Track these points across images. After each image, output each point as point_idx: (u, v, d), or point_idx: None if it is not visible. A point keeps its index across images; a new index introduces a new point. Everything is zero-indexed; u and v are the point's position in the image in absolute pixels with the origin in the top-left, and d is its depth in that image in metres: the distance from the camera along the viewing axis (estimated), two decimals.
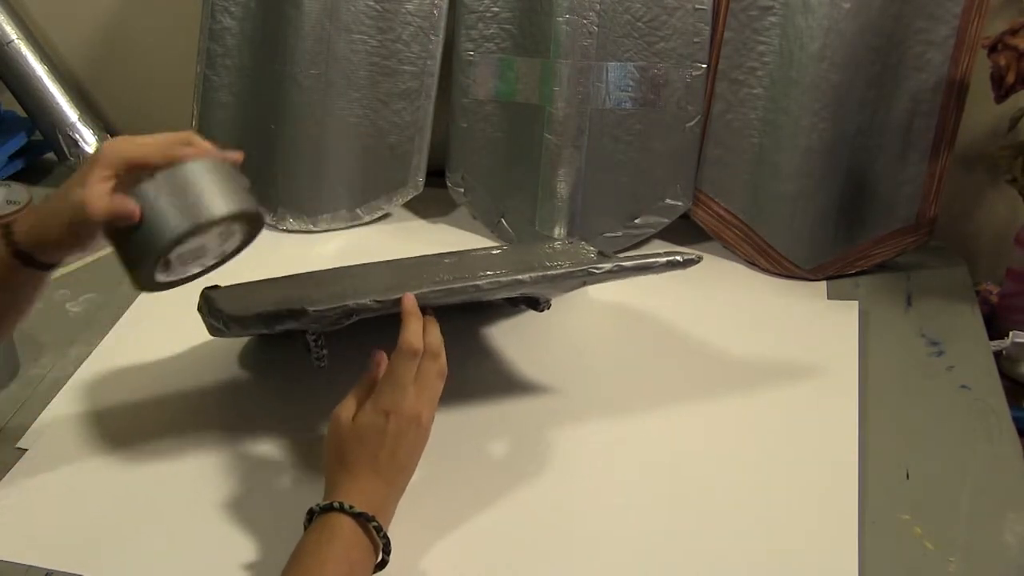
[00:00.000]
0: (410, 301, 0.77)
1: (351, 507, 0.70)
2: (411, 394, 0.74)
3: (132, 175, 0.71)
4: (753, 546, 0.78)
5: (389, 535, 0.71)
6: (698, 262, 0.89)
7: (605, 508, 0.82)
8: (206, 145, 0.74)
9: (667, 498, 0.83)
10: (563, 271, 0.87)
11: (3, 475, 0.85)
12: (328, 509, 0.70)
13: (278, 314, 0.80)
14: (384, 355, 0.77)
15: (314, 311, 0.78)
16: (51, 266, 0.75)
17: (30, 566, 0.77)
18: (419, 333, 0.75)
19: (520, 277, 0.83)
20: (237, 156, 0.76)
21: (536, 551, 0.78)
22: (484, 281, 0.82)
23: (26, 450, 0.87)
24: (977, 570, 0.76)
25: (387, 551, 0.71)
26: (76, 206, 0.70)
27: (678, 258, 0.88)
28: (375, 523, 0.70)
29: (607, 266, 0.86)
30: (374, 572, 0.71)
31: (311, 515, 0.71)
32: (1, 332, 0.79)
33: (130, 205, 0.69)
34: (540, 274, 0.83)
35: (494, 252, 1.01)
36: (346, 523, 0.70)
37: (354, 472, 0.73)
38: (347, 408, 0.76)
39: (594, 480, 0.84)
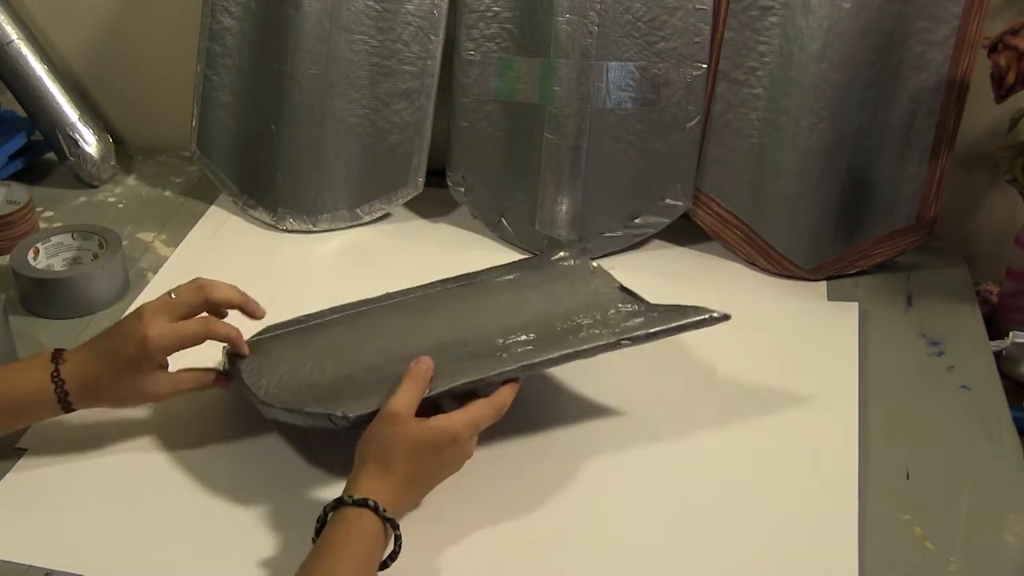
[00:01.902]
0: (425, 367, 0.79)
1: (384, 510, 0.71)
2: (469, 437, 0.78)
3: None
4: (753, 546, 0.78)
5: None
6: (726, 320, 0.88)
7: (604, 505, 0.82)
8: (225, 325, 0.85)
9: (665, 497, 0.83)
10: (596, 345, 0.85)
11: (3, 475, 0.85)
12: (363, 505, 0.71)
13: (316, 416, 0.80)
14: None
15: (355, 417, 0.79)
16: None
17: (30, 566, 0.77)
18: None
19: (565, 352, 0.83)
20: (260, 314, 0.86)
21: (532, 539, 0.78)
22: (538, 360, 0.82)
23: (25, 450, 0.87)
24: (977, 570, 0.76)
25: (394, 558, 0.72)
26: (156, 393, 0.83)
27: (714, 315, 0.87)
28: (399, 532, 0.72)
29: (641, 333, 0.85)
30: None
31: (337, 504, 0.72)
32: None
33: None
34: (573, 350, 0.83)
35: (512, 296, 0.96)
36: (375, 523, 0.71)
37: (396, 473, 0.74)
38: (407, 404, 0.76)
39: (593, 479, 0.84)
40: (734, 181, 1.11)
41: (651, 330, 0.85)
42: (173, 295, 0.83)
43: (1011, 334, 1.02)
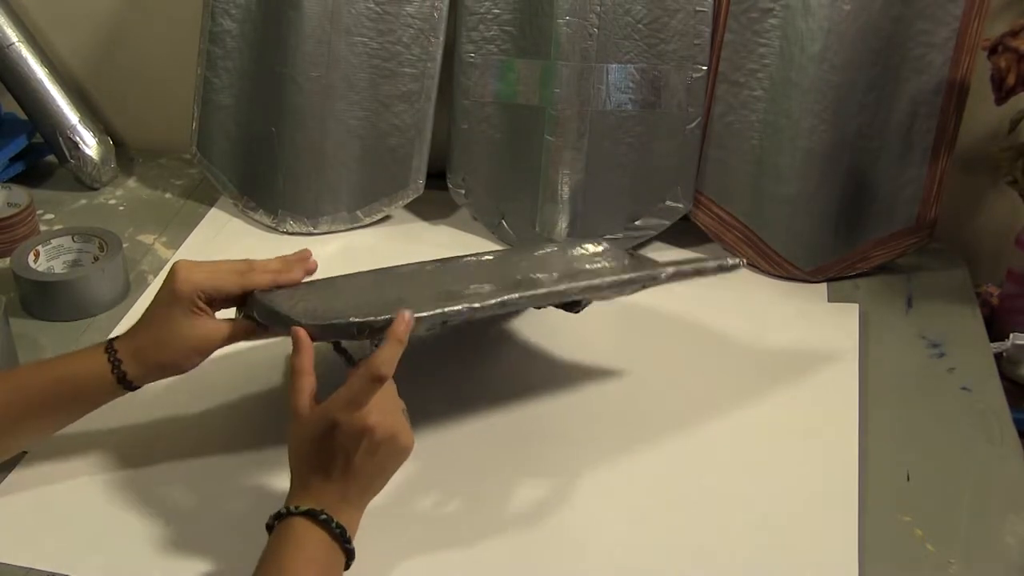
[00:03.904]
0: (403, 324, 0.75)
1: (328, 517, 0.70)
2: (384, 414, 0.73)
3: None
4: (753, 546, 0.78)
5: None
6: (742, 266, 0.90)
7: (602, 504, 0.82)
8: (272, 266, 0.83)
9: (665, 497, 0.83)
10: (630, 276, 0.86)
11: (4, 477, 0.85)
12: (304, 515, 0.70)
13: (351, 326, 0.77)
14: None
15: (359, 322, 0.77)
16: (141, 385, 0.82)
17: (30, 568, 0.77)
18: (394, 361, 0.73)
19: (596, 282, 0.83)
20: (297, 277, 0.83)
21: (529, 539, 0.78)
22: (544, 290, 0.82)
23: (25, 452, 0.87)
24: (978, 572, 0.76)
25: (351, 559, 0.71)
26: (198, 341, 0.80)
27: (728, 261, 0.89)
28: (347, 539, 0.71)
29: (670, 270, 0.86)
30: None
31: (278, 517, 0.71)
32: (52, 430, 0.83)
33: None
34: (614, 278, 0.83)
35: (544, 251, 0.95)
36: (317, 531, 0.70)
37: (314, 473, 0.72)
38: (301, 402, 0.74)
39: (592, 479, 0.84)
40: (734, 183, 1.11)
41: (677, 269, 0.86)
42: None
43: (1011, 336, 1.02)
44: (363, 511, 0.74)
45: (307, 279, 0.86)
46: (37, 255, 1.07)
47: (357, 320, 0.77)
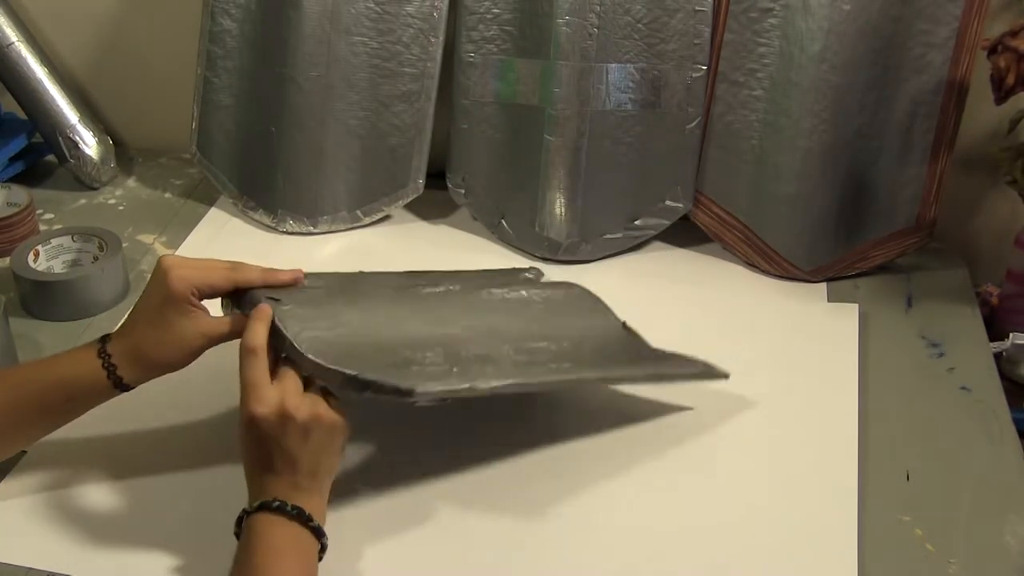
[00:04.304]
0: (265, 310, 0.76)
1: (281, 503, 0.70)
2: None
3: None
4: (753, 547, 0.78)
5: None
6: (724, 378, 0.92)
7: (602, 505, 0.82)
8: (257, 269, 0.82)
9: (666, 498, 0.83)
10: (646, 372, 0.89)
11: (4, 477, 0.85)
12: (258, 509, 0.70)
13: (378, 385, 0.73)
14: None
15: (423, 392, 0.73)
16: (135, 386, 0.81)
17: (30, 568, 0.77)
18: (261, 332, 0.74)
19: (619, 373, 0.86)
20: (285, 278, 0.83)
21: (529, 540, 0.78)
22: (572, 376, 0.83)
23: (25, 452, 0.87)
24: (978, 572, 0.76)
25: (322, 537, 0.71)
26: (196, 338, 0.78)
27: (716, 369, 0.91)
28: (308, 518, 0.70)
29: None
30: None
31: (239, 522, 0.71)
32: (46, 432, 0.82)
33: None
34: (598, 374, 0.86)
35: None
36: (276, 519, 0.70)
37: (259, 470, 0.73)
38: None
39: (591, 480, 0.84)
40: (734, 183, 1.11)
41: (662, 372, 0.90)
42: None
43: (1011, 335, 1.02)
44: (324, 495, 0.74)
45: (316, 284, 0.86)
46: (37, 255, 1.07)
47: (364, 378, 0.73)
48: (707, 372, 0.91)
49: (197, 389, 0.93)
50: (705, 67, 1.08)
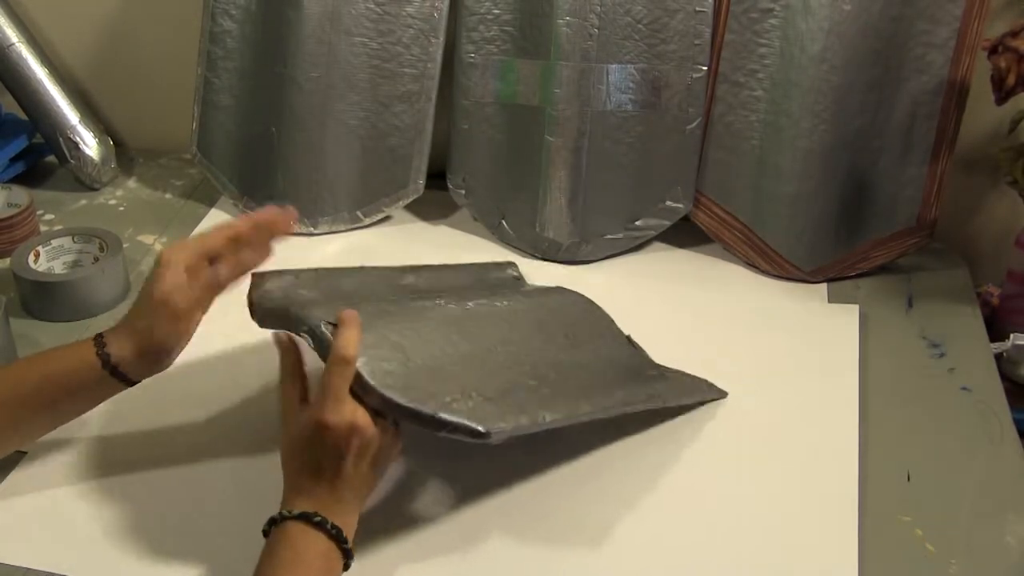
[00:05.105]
0: (354, 315, 0.75)
1: (323, 519, 0.70)
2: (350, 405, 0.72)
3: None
4: (753, 547, 0.78)
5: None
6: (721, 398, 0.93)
7: (602, 506, 0.82)
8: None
9: (666, 499, 0.83)
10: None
11: (4, 478, 0.85)
12: (298, 518, 0.70)
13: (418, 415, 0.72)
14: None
15: (495, 431, 0.73)
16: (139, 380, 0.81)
17: (29, 569, 0.77)
18: (356, 341, 0.73)
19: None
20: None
21: (532, 534, 0.78)
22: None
23: (25, 453, 0.87)
24: (978, 572, 0.76)
25: (349, 559, 0.71)
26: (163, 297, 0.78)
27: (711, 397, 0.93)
28: (344, 540, 0.70)
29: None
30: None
31: (273, 522, 0.71)
32: (48, 428, 0.82)
33: None
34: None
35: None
36: (312, 534, 0.70)
37: (305, 477, 0.72)
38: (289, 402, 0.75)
39: (591, 481, 0.84)
40: (734, 183, 1.11)
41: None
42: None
43: (1012, 336, 1.02)
44: (359, 511, 0.74)
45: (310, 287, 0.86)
46: (37, 255, 1.07)
47: (442, 418, 0.72)
48: (708, 393, 0.92)
49: (197, 389, 0.94)
50: (705, 67, 1.08)
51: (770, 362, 0.98)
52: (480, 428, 0.72)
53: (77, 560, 0.78)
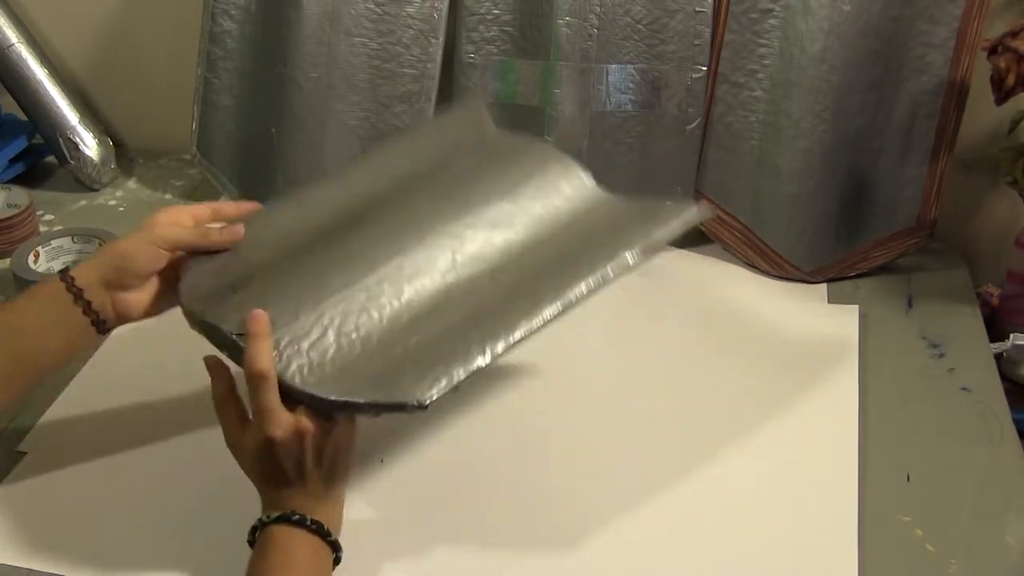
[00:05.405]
0: (261, 320, 0.72)
1: (302, 516, 0.70)
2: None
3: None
4: (753, 547, 0.78)
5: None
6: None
7: (601, 506, 0.82)
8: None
9: (665, 499, 0.83)
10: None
11: (3, 479, 0.85)
12: (278, 521, 0.70)
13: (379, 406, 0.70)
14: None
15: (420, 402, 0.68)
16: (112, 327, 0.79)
17: (30, 569, 0.77)
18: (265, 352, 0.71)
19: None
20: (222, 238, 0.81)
21: (532, 534, 0.78)
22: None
23: (26, 453, 0.87)
24: (978, 572, 0.76)
25: (338, 551, 0.71)
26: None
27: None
28: (327, 532, 0.70)
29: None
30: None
31: (255, 530, 0.71)
32: (41, 379, 0.80)
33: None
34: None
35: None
36: (296, 532, 0.70)
37: (278, 484, 0.72)
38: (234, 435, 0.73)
39: (590, 482, 0.84)
40: (734, 183, 1.11)
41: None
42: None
43: (1011, 336, 1.02)
44: (340, 501, 0.74)
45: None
46: (37, 256, 1.07)
47: (372, 402, 0.69)
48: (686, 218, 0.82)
49: (197, 389, 0.93)
50: (705, 68, 1.08)
51: (770, 362, 0.98)
52: (409, 401, 0.68)
53: (77, 560, 0.78)
